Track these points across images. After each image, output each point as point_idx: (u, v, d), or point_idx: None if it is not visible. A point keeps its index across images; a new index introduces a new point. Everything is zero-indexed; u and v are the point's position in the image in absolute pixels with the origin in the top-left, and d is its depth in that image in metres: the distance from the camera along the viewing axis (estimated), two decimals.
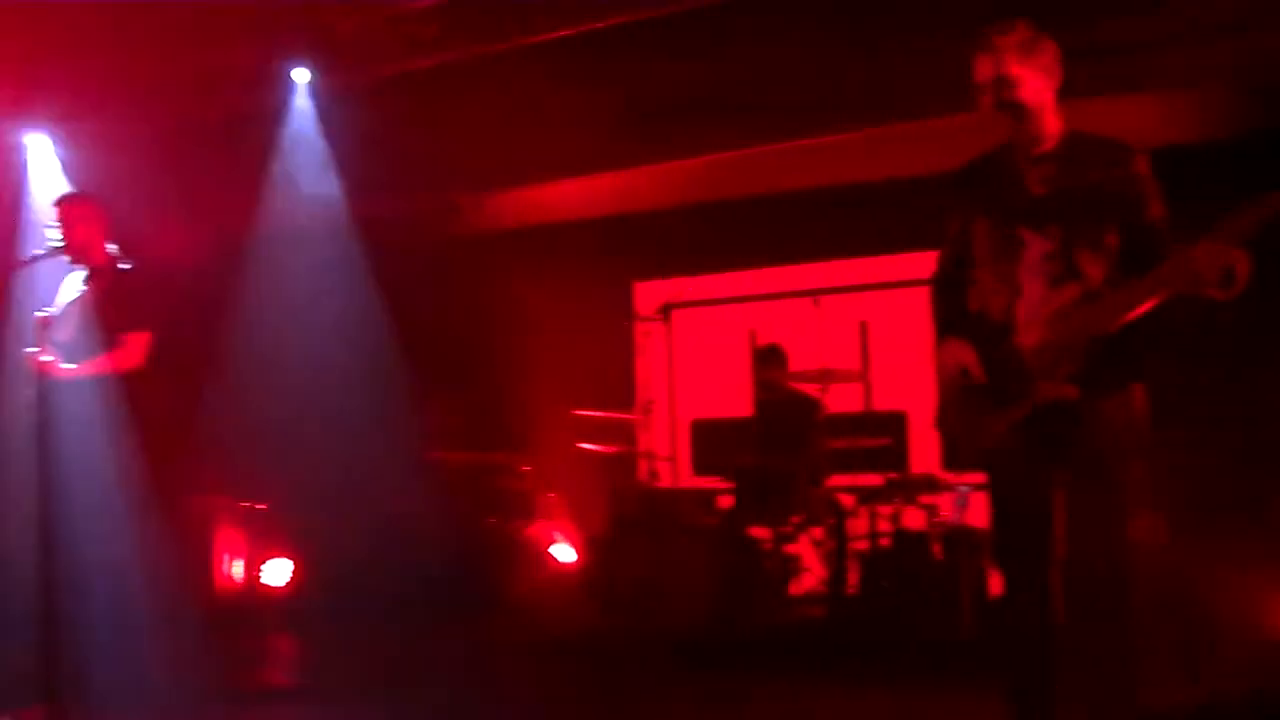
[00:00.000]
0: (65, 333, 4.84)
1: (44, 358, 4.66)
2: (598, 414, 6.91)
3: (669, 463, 7.06)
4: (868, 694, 4.76)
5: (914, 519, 5.83)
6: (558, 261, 7.97)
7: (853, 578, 5.75)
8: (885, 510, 5.83)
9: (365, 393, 7.14)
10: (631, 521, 6.04)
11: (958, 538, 5.41)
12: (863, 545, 5.86)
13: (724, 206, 7.60)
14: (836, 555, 5.79)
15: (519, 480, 7.66)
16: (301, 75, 6.43)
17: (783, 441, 6.19)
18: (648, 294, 7.72)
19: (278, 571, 7.17)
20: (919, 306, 7.04)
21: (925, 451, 6.13)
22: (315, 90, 6.52)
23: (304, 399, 6.86)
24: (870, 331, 7.42)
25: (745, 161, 6.98)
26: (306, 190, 6.92)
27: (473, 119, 6.89)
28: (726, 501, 6.19)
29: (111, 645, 4.65)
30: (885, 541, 5.78)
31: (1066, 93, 3.11)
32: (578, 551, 7.31)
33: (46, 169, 6.93)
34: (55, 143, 6.93)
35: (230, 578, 7.08)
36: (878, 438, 6.15)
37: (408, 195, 7.60)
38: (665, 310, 6.43)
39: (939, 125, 6.05)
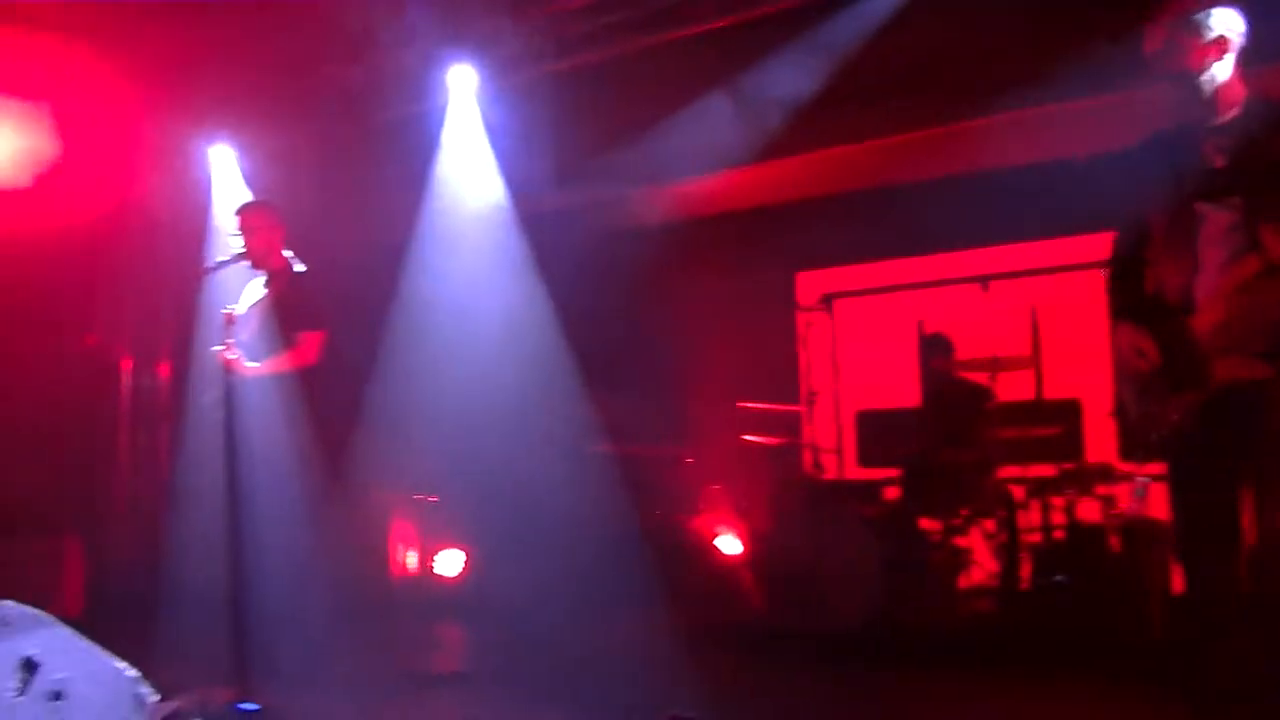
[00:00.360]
0: (247, 332, 5.07)
1: (229, 356, 4.88)
2: (762, 406, 6.88)
3: (834, 454, 6.97)
4: (1041, 693, 4.60)
5: (1089, 511, 5.61)
6: (719, 253, 7.94)
7: (1024, 572, 5.58)
8: (1058, 502, 5.63)
9: (531, 387, 7.23)
10: (796, 514, 6.02)
11: (1137, 530, 5.18)
12: (1035, 538, 5.67)
13: (887, 193, 7.43)
14: (1007, 548, 5.62)
15: (684, 473, 7.70)
16: (462, 77, 6.56)
17: (951, 432, 6.04)
18: (810, 284, 7.63)
19: (449, 562, 7.40)
20: (1092, 290, 6.80)
21: (1101, 440, 5.89)
22: (476, 91, 6.64)
23: (472, 393, 6.99)
24: (1041, 317, 7.16)
25: (909, 146, 6.81)
26: (469, 189, 7.07)
27: (632, 113, 6.93)
28: (893, 493, 6.08)
29: (294, 630, 4.86)
30: (1059, 534, 5.58)
31: (1252, 58, 2.94)
32: (742, 544, 7.27)
33: (229, 179, 7.28)
34: (237, 154, 7.28)
35: (404, 567, 7.34)
36: (1050, 426, 5.94)
37: (569, 191, 7.68)
38: (828, 300, 6.35)
39: (1111, 102, 5.79)
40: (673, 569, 6.78)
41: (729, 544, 7.39)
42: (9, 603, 3.31)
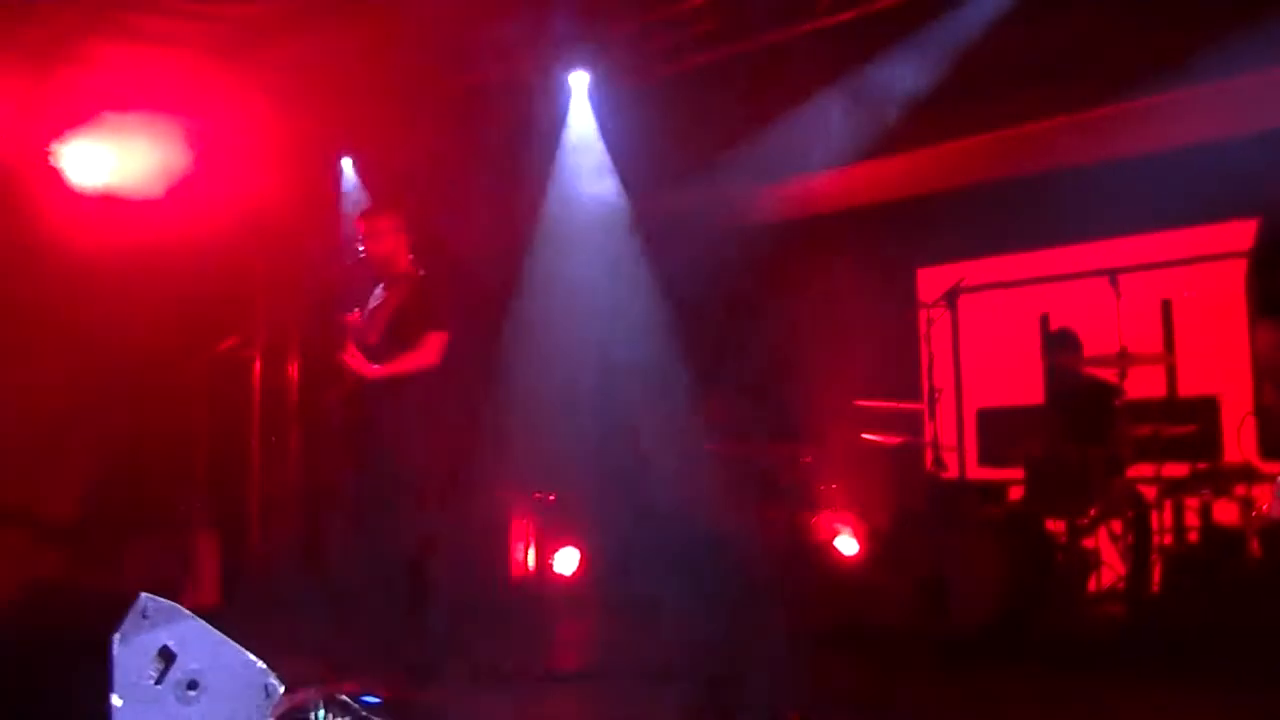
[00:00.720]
0: (372, 336, 5.18)
1: (354, 358, 5.01)
2: (881, 404, 6.81)
3: (955, 453, 6.82)
4: (1172, 700, 4.46)
5: (1226, 513, 5.39)
6: (839, 250, 7.83)
7: (1156, 575, 5.40)
8: (1193, 503, 5.44)
9: (647, 385, 7.31)
10: (917, 514, 5.93)
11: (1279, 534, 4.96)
12: (1167, 540, 5.47)
13: (1011, 185, 7.26)
14: (1137, 551, 5.44)
15: (801, 472, 7.61)
16: (579, 81, 6.63)
17: (1078, 429, 5.87)
18: (932, 280, 7.49)
19: (566, 559, 7.47)
20: (1230, 282, 6.55)
21: (1240, 439, 5.65)
22: (593, 95, 6.70)
23: (588, 393, 7.07)
24: (1175, 311, 6.91)
25: (1034, 137, 6.66)
26: (586, 190, 7.13)
27: (749, 110, 6.92)
28: (1017, 493, 5.94)
29: (417, 626, 4.94)
30: (1193, 536, 5.39)
31: None
32: (861, 544, 7.19)
33: (356, 187, 7.49)
34: (363, 162, 7.47)
35: (523, 565, 7.46)
36: (1184, 424, 5.72)
37: (685, 191, 7.68)
38: (950, 296, 6.23)
39: (1253, 82, 5.57)
40: (789, 569, 6.82)
41: (847, 544, 7.32)
42: (148, 596, 3.46)
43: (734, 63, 6.32)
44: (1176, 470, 5.66)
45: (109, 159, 7.23)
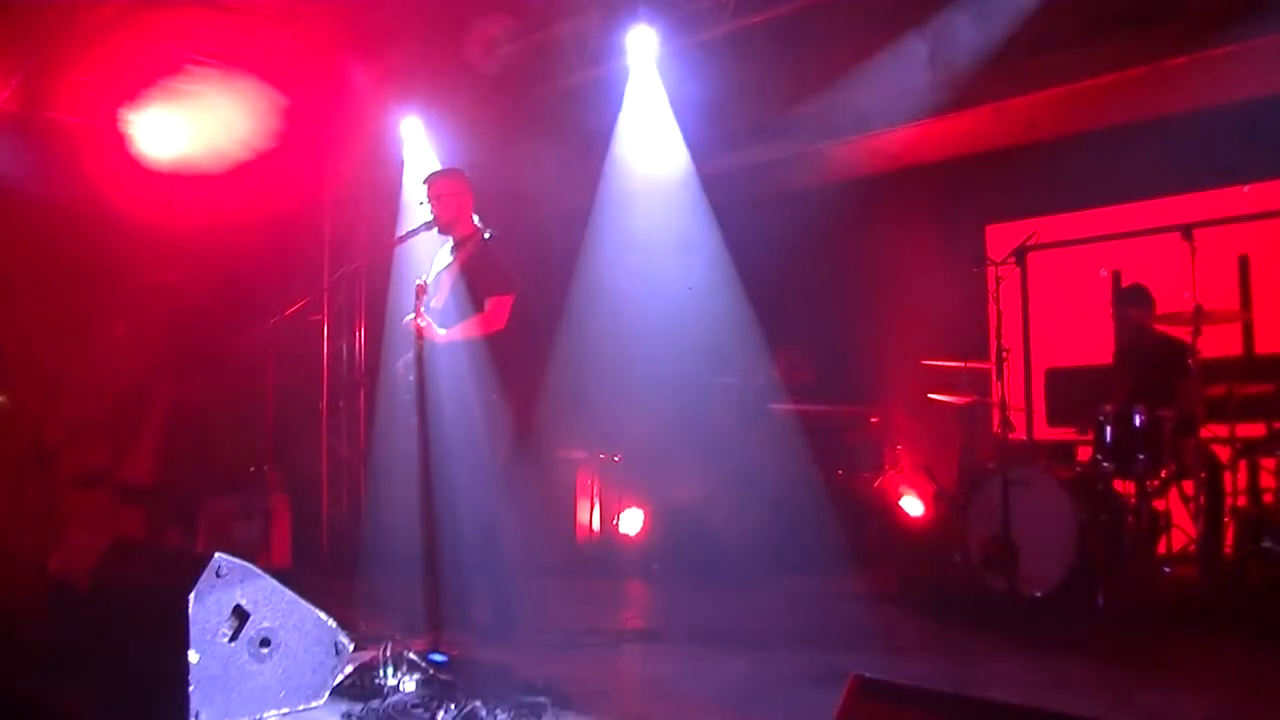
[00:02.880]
0: (438, 299, 5.24)
1: (420, 322, 5.06)
2: (948, 363, 6.77)
3: (1023, 413, 6.81)
4: (1246, 664, 4.45)
5: None
6: (906, 208, 7.81)
7: (1228, 537, 5.35)
8: (1269, 463, 5.36)
9: (713, 346, 7.33)
10: (984, 475, 5.87)
11: None
12: (1240, 502, 5.41)
13: (1081, 140, 7.16)
14: (1210, 513, 5.39)
15: (867, 432, 7.68)
16: (642, 39, 6.62)
17: (1149, 389, 5.81)
18: (1000, 237, 7.43)
19: (631, 520, 7.56)
20: None
21: None
22: (656, 53, 6.69)
23: (654, 354, 7.11)
24: (1252, 266, 6.79)
25: (1106, 89, 6.55)
26: (650, 152, 7.13)
27: (815, 67, 6.87)
28: (1086, 454, 5.90)
29: (484, 586, 5.08)
30: (1268, 498, 5.32)
31: None
32: (927, 506, 7.23)
33: (419, 150, 7.54)
34: (427, 126, 7.53)
35: (588, 526, 7.58)
36: (1260, 383, 5.64)
37: (751, 150, 7.67)
38: (1020, 253, 6.17)
39: None
40: (855, 529, 6.85)
41: (913, 505, 7.37)
42: (223, 555, 3.60)
43: (801, 17, 6.26)
44: (1252, 430, 5.59)
45: (181, 127, 7.38)
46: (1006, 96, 6.72)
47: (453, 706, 3.57)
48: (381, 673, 3.90)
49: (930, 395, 6.83)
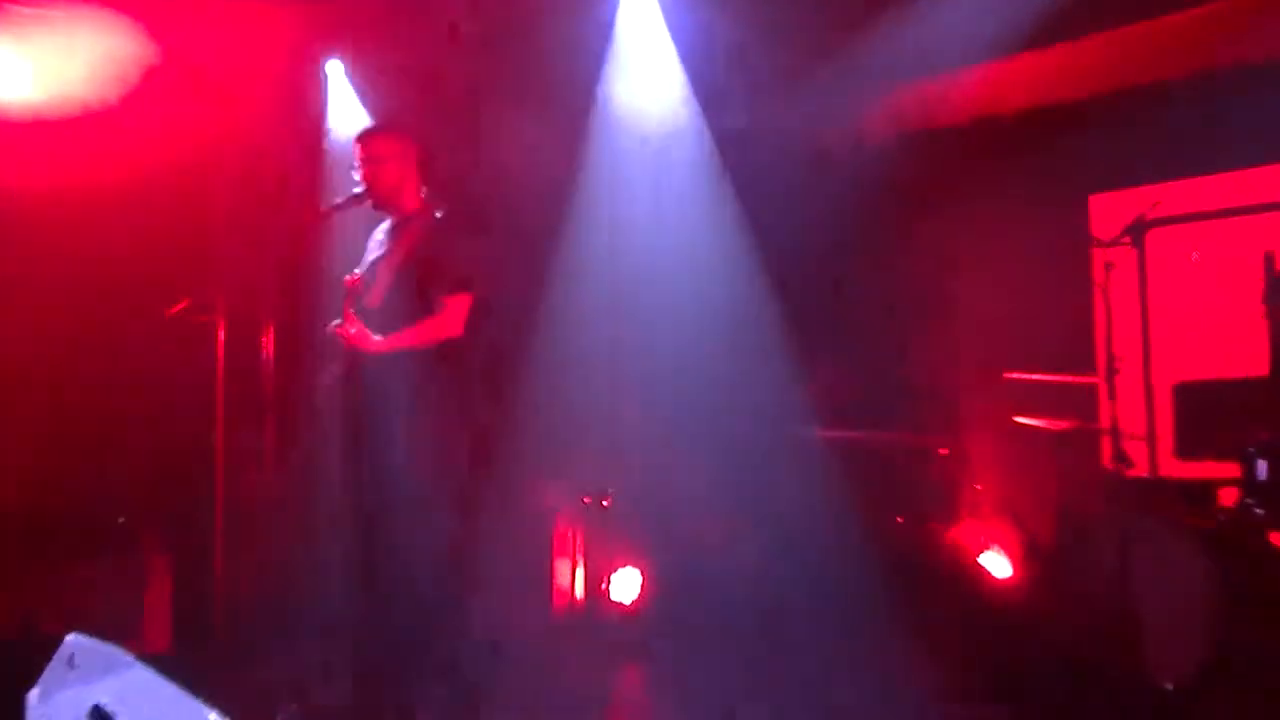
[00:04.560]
0: (373, 297, 5.24)
1: (350, 329, 5.06)
2: (1041, 377, 6.81)
3: (1144, 442, 6.78)
4: None
5: None
6: (980, 173, 7.84)
7: None
8: None
9: (730, 356, 7.38)
10: (1092, 523, 5.88)
11: None
12: None
13: (1220, 80, 7.15)
14: None
15: (934, 468, 7.66)
16: None
17: None
18: (1110, 209, 7.44)
19: (625, 584, 7.56)
20: None
21: None
22: None
23: (655, 367, 7.10)
24: None
25: (1245, 12, 6.56)
26: (647, 110, 7.12)
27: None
28: (1231, 496, 5.88)
29: (432, 671, 5.06)
30: None
31: None
32: (1016, 564, 7.22)
33: (349, 103, 7.57)
34: (359, 71, 7.50)
35: (569, 591, 7.55)
36: None
37: (777, 105, 7.68)
38: (1135, 230, 6.15)
39: None
40: (920, 595, 6.84)
41: (997, 564, 7.35)
42: (78, 638, 3.52)
43: None
44: None
45: (17, 64, 7.29)
46: (1120, 22, 6.71)
47: None
48: None
49: (1017, 419, 6.82)
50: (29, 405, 7.44)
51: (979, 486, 7.59)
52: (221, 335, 8.22)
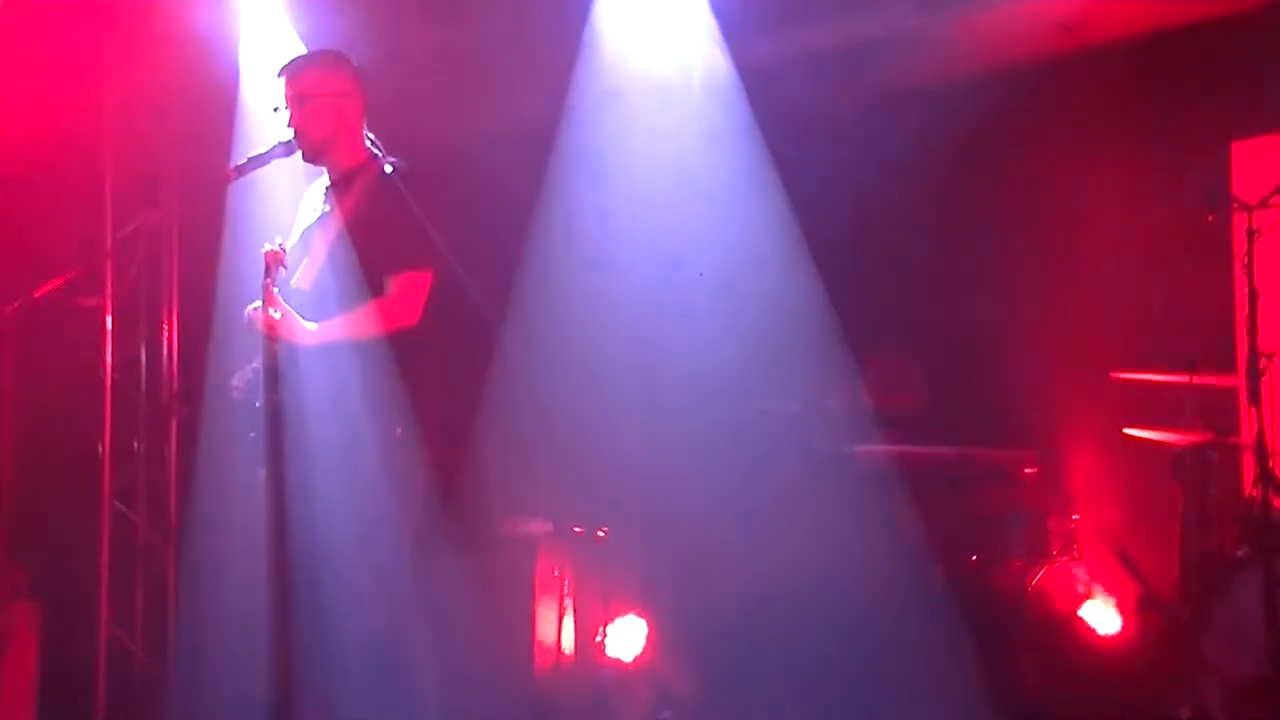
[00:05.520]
0: (305, 275, 5.23)
1: (273, 313, 4.99)
2: (1161, 377, 6.71)
3: None
4: None
5: None
6: (1082, 116, 7.79)
7: None
8: None
9: (755, 351, 7.34)
10: (1229, 567, 5.88)
11: None
12: None
13: None
14: None
15: (1019, 492, 7.59)
16: None
17: None
18: (1254, 159, 7.32)
19: (626, 637, 7.58)
20: None
21: None
22: None
23: (664, 366, 7.04)
24: None
25: None
26: (648, 43, 7.19)
27: None
28: None
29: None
30: None
31: None
32: (1127, 618, 7.19)
33: (269, 25, 7.51)
34: None
35: (554, 646, 7.51)
36: None
37: (817, 31, 7.63)
38: None
39: None
40: (1000, 652, 6.84)
41: (1102, 616, 7.32)
42: None
43: None
44: None
45: None
46: None
47: None
48: None
49: (1128, 431, 6.80)
50: None
51: (1077, 517, 7.50)
52: (110, 322, 8.14)
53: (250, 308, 5.06)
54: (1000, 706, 6.37)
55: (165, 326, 8.44)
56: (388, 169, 5.26)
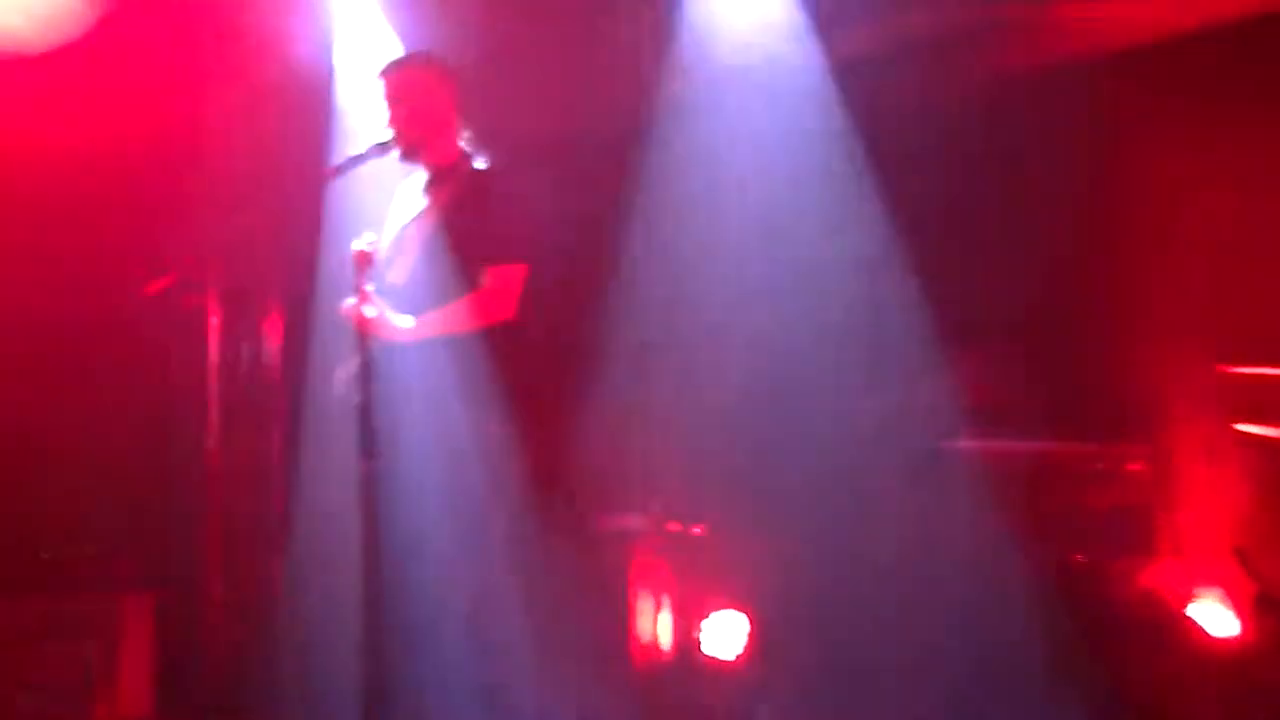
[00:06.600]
0: (400, 270, 5.37)
1: (368, 310, 5.14)
2: (1272, 371, 6.73)
3: None
4: None
5: None
6: (1188, 97, 7.58)
7: None
8: None
9: (852, 346, 7.34)
10: None
11: None
12: None
13: None
14: None
15: (1125, 489, 7.55)
16: None
17: None
18: None
19: (725, 633, 7.55)
20: None
21: None
22: None
23: (756, 360, 7.10)
24: None
25: None
26: (743, 34, 7.17)
27: None
28: None
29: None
30: None
31: None
32: (1244, 620, 7.07)
33: (367, 28, 7.58)
34: None
35: (653, 643, 7.56)
36: None
37: (919, 14, 7.60)
38: None
39: None
40: (1106, 654, 6.71)
41: (1215, 618, 7.23)
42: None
43: None
44: None
45: None
46: None
47: None
48: None
49: (1239, 427, 6.82)
50: None
51: (1185, 514, 7.44)
52: (214, 320, 8.34)
53: (346, 304, 5.19)
54: (1107, 708, 6.31)
55: (268, 325, 8.54)
56: (481, 165, 5.37)
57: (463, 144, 5.45)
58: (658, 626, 7.56)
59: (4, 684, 6.62)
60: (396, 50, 6.82)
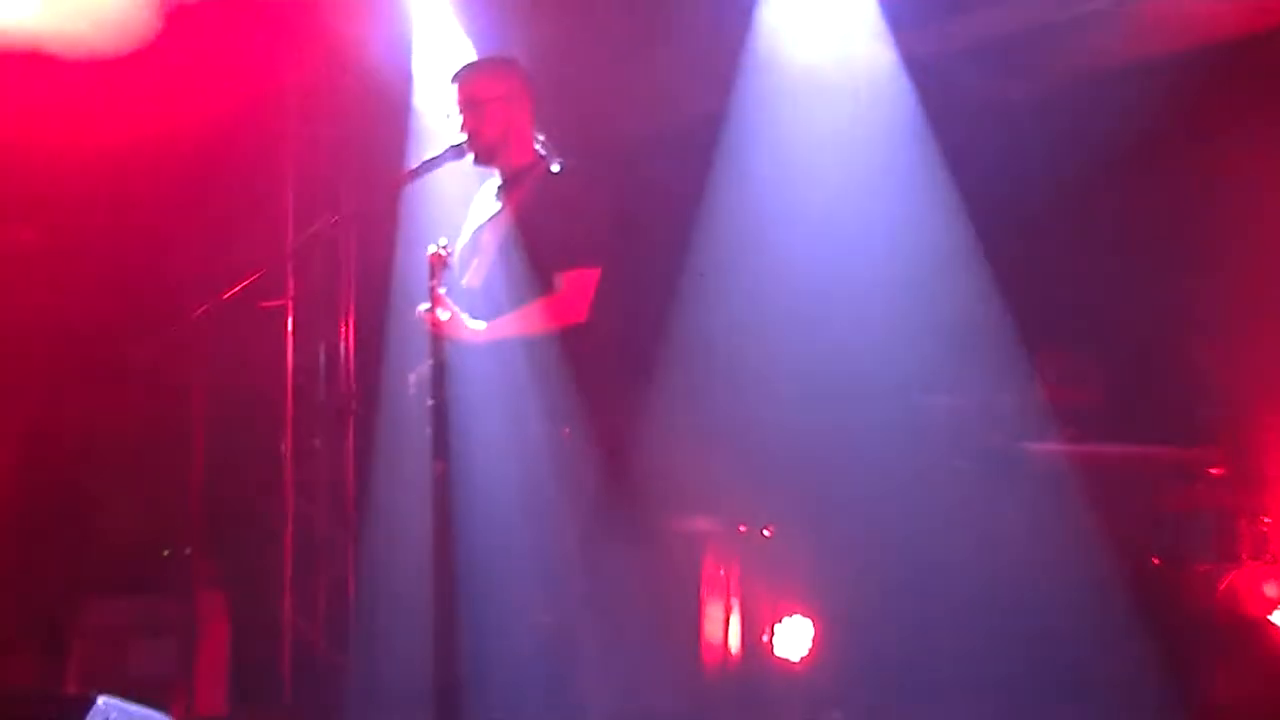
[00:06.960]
0: (475, 274, 5.39)
1: (442, 313, 5.17)
2: None
3: None
4: None
5: None
6: (1268, 97, 7.49)
7: None
8: None
9: (930, 349, 7.31)
10: None
11: None
12: None
13: None
14: None
15: (1205, 492, 7.46)
16: None
17: None
18: None
19: (794, 636, 7.54)
20: None
21: None
22: None
23: (830, 363, 7.08)
24: None
25: None
26: (818, 35, 7.13)
27: None
28: None
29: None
30: None
31: None
32: None
33: (441, 30, 7.63)
34: None
35: (722, 645, 7.52)
36: None
37: (999, 13, 7.58)
38: None
39: None
40: (1189, 661, 6.67)
41: None
42: (109, 701, 3.61)
43: None
44: None
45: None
46: None
47: None
48: None
49: None
50: (53, 412, 7.63)
51: (1268, 519, 7.29)
52: (290, 324, 8.41)
53: (420, 308, 5.23)
54: (1184, 715, 6.30)
55: (343, 327, 8.67)
56: (555, 168, 5.40)
57: (537, 147, 5.46)
58: (728, 628, 7.55)
59: (94, 681, 6.70)
60: (471, 54, 6.88)
